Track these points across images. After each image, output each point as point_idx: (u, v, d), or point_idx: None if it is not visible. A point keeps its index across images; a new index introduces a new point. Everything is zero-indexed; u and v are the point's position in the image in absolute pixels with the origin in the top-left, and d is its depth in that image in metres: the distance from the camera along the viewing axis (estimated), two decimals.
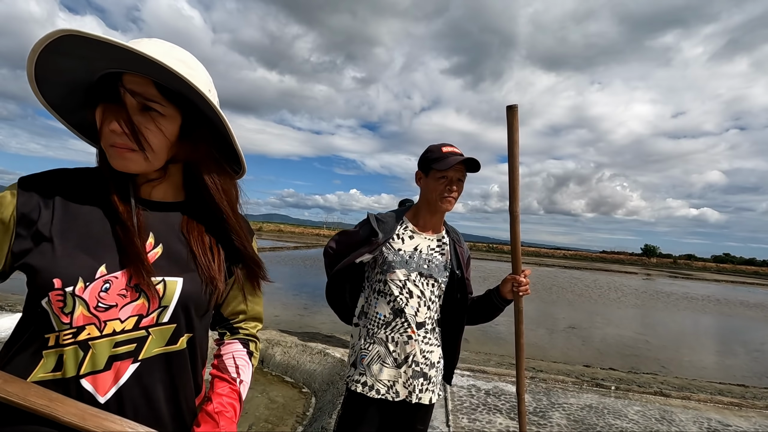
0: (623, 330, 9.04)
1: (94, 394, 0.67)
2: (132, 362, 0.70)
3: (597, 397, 3.84)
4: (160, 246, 0.76)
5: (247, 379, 0.87)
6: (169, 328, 0.73)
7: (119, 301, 0.69)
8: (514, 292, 1.51)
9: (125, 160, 0.69)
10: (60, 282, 0.65)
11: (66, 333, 0.66)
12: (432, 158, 1.55)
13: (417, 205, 1.68)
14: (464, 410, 3.25)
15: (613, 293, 17.02)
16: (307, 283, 11.98)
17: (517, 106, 1.41)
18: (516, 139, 1.42)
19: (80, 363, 0.66)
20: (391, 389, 1.52)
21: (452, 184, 1.54)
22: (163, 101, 0.70)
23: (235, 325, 0.93)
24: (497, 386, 3.89)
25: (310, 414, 3.37)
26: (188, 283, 0.75)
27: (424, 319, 1.56)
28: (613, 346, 7.30)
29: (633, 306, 13.54)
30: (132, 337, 0.70)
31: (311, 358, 4.30)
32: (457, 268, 1.62)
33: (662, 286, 24.19)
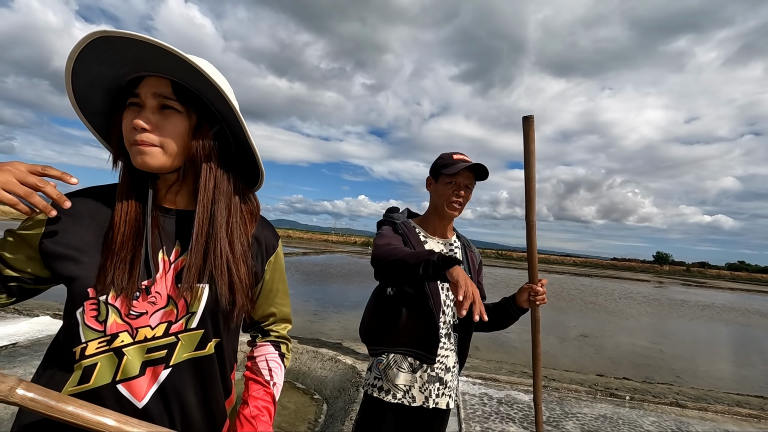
0: (636, 339, 8.90)
1: (131, 399, 0.69)
2: (164, 368, 0.72)
3: (611, 407, 3.79)
4: (186, 254, 0.77)
5: (279, 382, 0.89)
6: (198, 333, 0.75)
7: (149, 309, 0.72)
8: (531, 301, 1.51)
9: (145, 155, 0.71)
10: (93, 291, 0.68)
11: (100, 341, 0.68)
12: (442, 164, 1.59)
13: (427, 210, 1.70)
14: (477, 418, 3.23)
15: (625, 301, 16.78)
16: (316, 289, 12.00)
17: (533, 116, 1.42)
18: (532, 150, 1.43)
19: (116, 370, 0.69)
20: (407, 394, 1.52)
21: (459, 189, 1.56)
22: (179, 101, 0.74)
23: (266, 328, 0.96)
24: (509, 395, 3.86)
25: (321, 420, 3.37)
26: (214, 290, 0.76)
27: (439, 323, 1.57)
28: (626, 355, 7.19)
29: (645, 314, 13.33)
30: (163, 344, 0.72)
31: (322, 365, 4.30)
32: (470, 273, 1.63)
33: (675, 294, 23.79)
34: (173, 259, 0.76)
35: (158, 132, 0.72)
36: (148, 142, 0.71)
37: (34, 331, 4.22)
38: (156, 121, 0.71)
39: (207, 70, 0.71)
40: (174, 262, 0.76)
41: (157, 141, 0.71)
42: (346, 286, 13.18)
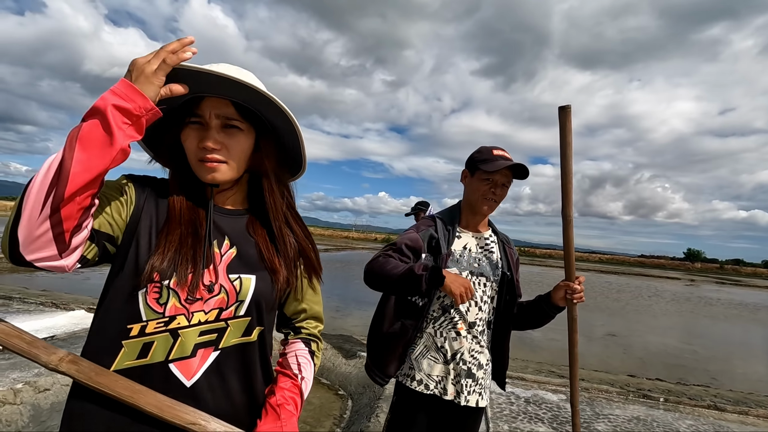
0: (667, 338, 8.60)
1: (181, 378, 0.74)
2: (213, 350, 0.78)
3: (644, 409, 3.66)
4: (235, 248, 0.84)
5: (308, 377, 0.91)
6: (245, 320, 0.81)
7: (204, 295, 0.77)
8: (568, 299, 1.46)
9: (215, 172, 0.79)
10: (158, 275, 0.73)
11: (159, 321, 0.74)
12: (480, 159, 1.54)
13: (460, 203, 1.67)
14: (504, 418, 3.17)
15: (655, 300, 16.26)
16: (338, 285, 12.10)
17: (570, 106, 1.37)
18: (569, 141, 1.38)
19: (170, 349, 0.74)
20: (439, 384, 1.51)
21: (496, 187, 1.52)
22: (241, 119, 0.80)
23: (297, 325, 0.98)
24: (537, 394, 3.78)
25: (347, 417, 3.38)
26: (260, 281, 0.83)
27: (475, 319, 1.54)
28: (657, 356, 6.95)
29: (676, 313, 12.88)
30: (214, 328, 0.78)
31: (346, 361, 4.32)
32: (508, 270, 1.59)
33: (708, 292, 22.91)
34: (224, 252, 0.82)
35: (225, 150, 0.79)
36: (217, 160, 0.78)
37: (70, 324, 4.38)
38: (222, 140, 0.78)
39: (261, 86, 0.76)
40: (225, 255, 0.82)
41: (224, 158, 0.79)
42: None
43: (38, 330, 4.01)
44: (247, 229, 0.88)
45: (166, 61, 0.65)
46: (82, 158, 0.59)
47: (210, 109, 0.78)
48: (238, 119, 0.80)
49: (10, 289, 6.04)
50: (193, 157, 0.79)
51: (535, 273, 23.90)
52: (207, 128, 0.78)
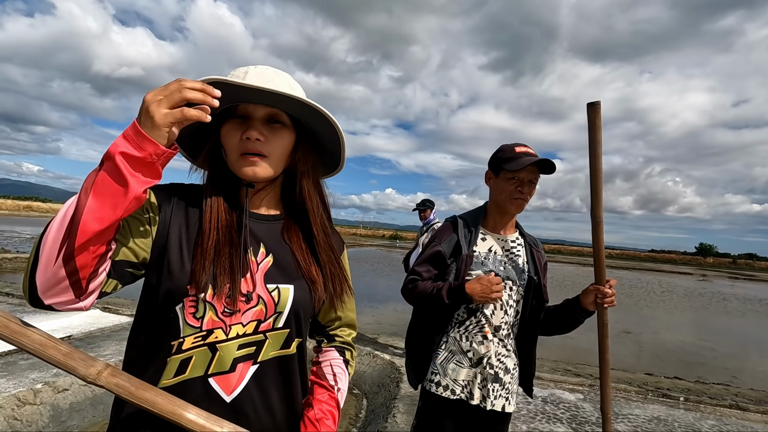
0: (683, 335, 8.47)
1: (220, 393, 0.72)
2: (252, 364, 0.75)
3: (665, 409, 3.59)
4: (271, 255, 0.81)
5: (344, 387, 0.90)
6: (284, 332, 0.78)
7: (242, 307, 0.74)
8: (598, 303, 1.41)
9: (255, 167, 0.75)
10: (193, 289, 0.71)
11: (196, 336, 0.71)
12: (503, 158, 1.49)
13: (487, 205, 1.63)
14: (522, 418, 3.13)
15: (667, 295, 16.06)
16: None
17: (599, 102, 1.32)
18: (598, 139, 1.32)
19: (209, 364, 0.72)
20: (465, 389, 1.49)
21: (523, 185, 1.48)
22: (285, 115, 0.78)
23: (331, 332, 0.96)
24: (554, 393, 3.73)
25: (362, 416, 3.36)
26: (298, 290, 0.80)
27: (500, 323, 1.51)
28: (673, 353, 6.85)
29: (690, 309, 12.71)
30: (253, 341, 0.75)
31: (360, 360, 4.30)
32: (535, 274, 1.55)
33: (721, 287, 22.57)
34: (260, 261, 0.79)
35: (268, 144, 0.76)
36: (260, 153, 0.75)
37: (86, 324, 4.41)
38: (267, 133, 0.76)
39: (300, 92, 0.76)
40: (261, 263, 0.79)
41: (267, 152, 0.76)
42: (377, 281, 13.20)
43: (55, 330, 4.05)
44: (282, 235, 0.84)
45: (185, 114, 0.60)
46: (94, 207, 0.58)
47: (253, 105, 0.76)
48: (282, 114, 0.78)
49: None
50: (234, 152, 0.76)
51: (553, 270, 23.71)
52: (251, 121, 0.76)
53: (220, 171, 0.80)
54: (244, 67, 0.76)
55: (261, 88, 0.68)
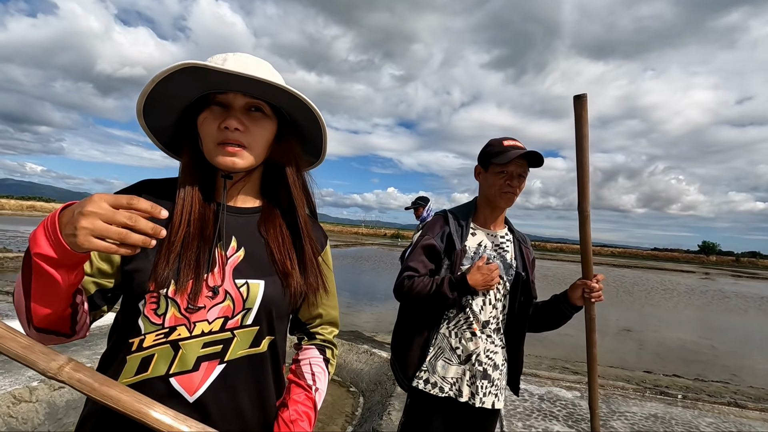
0: (683, 333, 8.44)
1: (183, 393, 0.69)
2: (219, 363, 0.71)
3: (662, 406, 3.58)
4: (242, 250, 0.77)
5: (322, 387, 0.86)
6: (253, 330, 0.75)
7: (207, 303, 0.71)
8: (586, 298, 1.40)
9: (235, 157, 0.72)
10: (154, 285, 0.68)
11: (158, 333, 0.69)
12: (492, 152, 1.49)
13: (476, 200, 1.62)
14: (518, 415, 3.12)
15: (669, 294, 16.00)
16: (349, 281, 12.10)
17: (585, 95, 1.31)
18: (585, 133, 1.31)
19: (171, 362, 0.69)
20: (454, 386, 1.48)
21: (512, 179, 1.47)
22: (266, 104, 0.75)
23: (312, 330, 0.93)
24: (551, 391, 3.72)
25: (359, 414, 3.36)
26: (269, 286, 0.76)
27: (489, 318, 1.50)
28: (673, 351, 6.83)
29: (692, 307, 12.65)
30: (219, 339, 0.72)
31: (357, 358, 4.30)
32: (523, 270, 1.54)
33: (724, 286, 22.48)
34: (230, 255, 0.76)
35: (248, 133, 0.73)
36: (238, 143, 0.72)
37: None
38: (246, 122, 0.72)
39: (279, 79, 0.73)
40: (231, 258, 0.75)
41: (247, 143, 0.73)
42: (378, 279, 13.21)
43: None
44: (259, 228, 0.81)
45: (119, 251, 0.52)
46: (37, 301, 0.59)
47: (233, 93, 0.72)
48: (263, 103, 0.75)
49: None
50: (210, 141, 0.72)
51: (546, 267, 23.69)
52: (230, 109, 0.72)
53: (195, 161, 0.76)
54: (223, 54, 0.73)
55: (242, 74, 0.65)
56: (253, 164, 0.76)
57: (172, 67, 0.65)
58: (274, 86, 0.69)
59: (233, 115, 0.71)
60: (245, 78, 0.67)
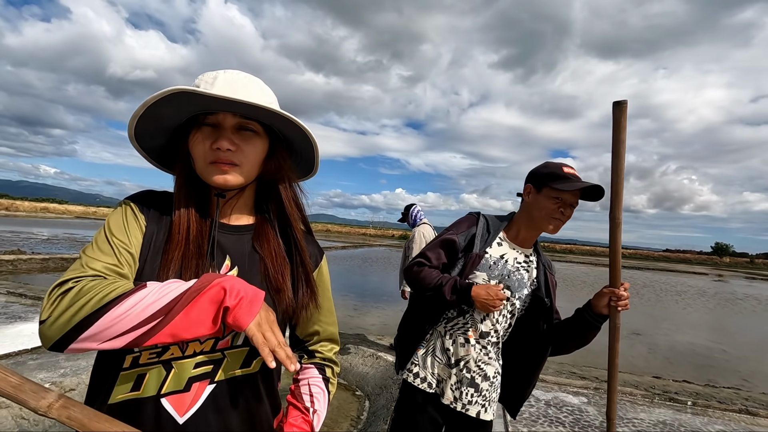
0: (695, 337, 8.32)
1: (173, 414, 0.68)
2: (209, 383, 0.71)
3: (671, 413, 3.54)
4: (236, 268, 0.78)
5: (321, 409, 0.86)
6: (243, 351, 0.75)
7: None
8: (612, 306, 1.38)
9: (227, 175, 0.73)
10: None
11: (151, 352, 0.69)
12: (550, 176, 1.44)
13: (516, 215, 1.59)
14: (523, 421, 3.11)
15: (681, 296, 15.77)
16: (356, 283, 12.12)
17: (626, 102, 1.28)
18: (623, 139, 1.29)
19: (162, 382, 0.69)
20: (438, 385, 1.50)
21: (566, 207, 1.43)
22: (256, 123, 0.76)
23: (311, 348, 0.93)
24: (557, 396, 3.69)
25: (364, 418, 3.37)
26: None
27: (489, 329, 1.49)
28: (684, 356, 6.73)
29: (704, 310, 12.46)
30: (210, 359, 0.72)
31: (363, 361, 4.31)
32: (546, 296, 1.51)
33: (738, 288, 22.09)
34: (223, 273, 0.76)
35: (240, 153, 0.74)
36: (230, 162, 0.73)
37: None
38: (237, 142, 0.74)
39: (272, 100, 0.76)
40: None
41: (238, 161, 0.74)
42: (385, 281, 13.19)
43: None
44: (253, 244, 0.82)
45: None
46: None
47: (223, 113, 0.74)
48: (253, 122, 0.76)
49: (40, 290, 6.24)
50: (202, 161, 0.73)
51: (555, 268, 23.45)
52: (220, 129, 0.73)
53: (189, 180, 0.77)
54: (213, 72, 0.74)
55: (231, 99, 0.66)
56: (245, 182, 0.77)
57: (161, 93, 0.66)
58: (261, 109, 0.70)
59: (224, 136, 0.72)
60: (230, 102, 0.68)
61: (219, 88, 0.69)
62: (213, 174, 0.73)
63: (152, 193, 0.80)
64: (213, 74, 0.73)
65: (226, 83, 0.72)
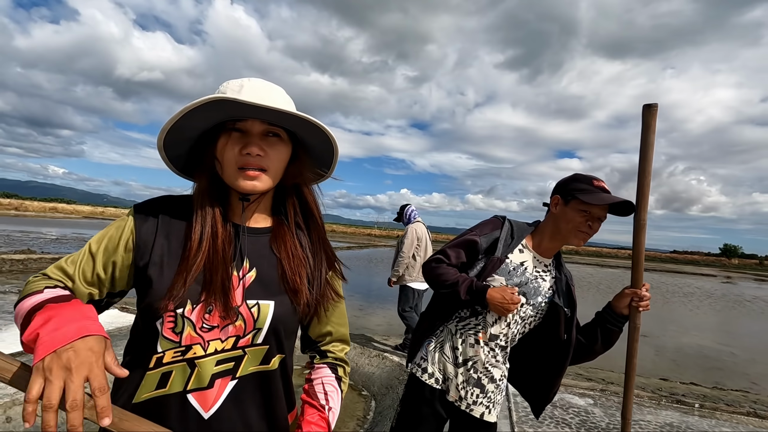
0: (702, 339, 8.25)
1: (198, 409, 0.72)
2: (231, 379, 0.75)
3: (678, 415, 3.52)
4: (254, 270, 0.80)
5: (335, 407, 0.88)
6: (263, 349, 0.78)
7: (220, 323, 0.74)
8: (633, 307, 1.38)
9: (255, 181, 0.76)
10: (172, 304, 0.71)
11: (176, 351, 0.72)
12: (580, 189, 1.43)
13: (541, 224, 1.58)
14: (529, 422, 3.11)
15: (688, 298, 15.62)
16: (361, 283, 12.13)
17: (656, 105, 1.30)
18: (651, 142, 1.31)
19: (187, 380, 0.72)
20: (444, 383, 1.51)
21: (593, 220, 1.42)
22: (281, 129, 0.79)
23: (323, 348, 0.95)
24: (563, 398, 3.69)
25: (370, 417, 3.39)
26: (279, 306, 0.79)
27: (499, 333, 1.50)
28: (691, 358, 6.69)
29: (712, 312, 12.35)
30: (231, 356, 0.75)
31: (369, 361, 4.33)
32: (567, 306, 1.50)
33: (746, 290, 21.85)
34: (242, 276, 0.78)
35: (267, 158, 0.76)
36: (259, 167, 0.75)
37: (105, 324, 4.44)
38: (265, 148, 0.76)
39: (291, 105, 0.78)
40: (243, 279, 0.78)
41: (266, 166, 0.76)
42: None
43: None
44: (270, 246, 0.83)
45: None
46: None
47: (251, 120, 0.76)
48: (279, 128, 0.78)
49: None
50: (231, 166, 0.75)
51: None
52: (249, 135, 0.75)
53: (213, 184, 0.79)
54: (238, 80, 0.76)
55: (263, 106, 0.68)
56: (270, 187, 0.79)
57: (196, 102, 0.68)
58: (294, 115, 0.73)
59: (253, 142, 0.74)
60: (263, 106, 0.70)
61: (246, 96, 0.71)
62: (242, 179, 0.75)
63: (168, 200, 0.82)
64: (238, 82, 0.76)
65: (252, 91, 0.74)
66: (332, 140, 0.80)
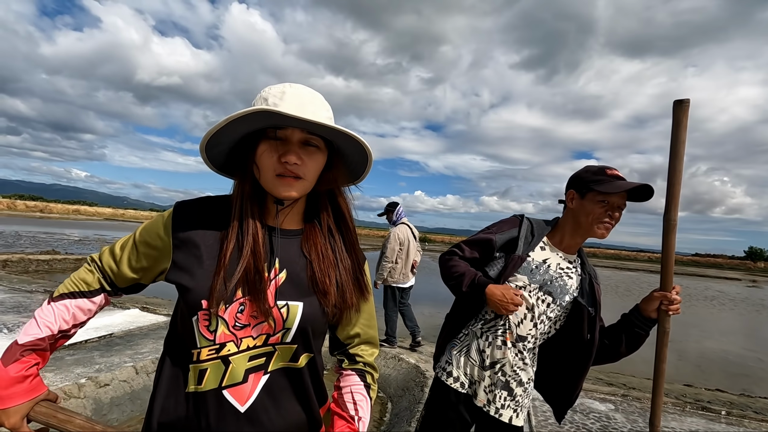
0: (727, 345, 8.00)
1: (234, 404, 0.75)
2: (263, 374, 0.78)
3: (704, 423, 3.42)
4: (285, 271, 0.82)
5: (365, 416, 0.89)
6: (291, 347, 0.81)
7: (252, 321, 0.77)
8: (663, 310, 1.34)
9: (291, 188, 0.77)
10: (206, 303, 0.74)
11: (210, 349, 0.75)
12: (593, 179, 1.41)
13: (560, 221, 1.56)
14: (549, 426, 3.06)
15: (712, 302, 15.18)
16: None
17: (688, 101, 1.26)
18: (683, 139, 1.27)
19: (222, 376, 0.75)
20: (471, 386, 1.49)
21: (614, 210, 1.39)
22: (318, 138, 0.80)
23: (351, 351, 0.95)
24: (583, 403, 3.62)
25: (387, 420, 3.38)
26: (307, 307, 0.81)
27: (526, 334, 1.47)
28: (716, 363, 6.49)
29: (737, 317, 11.97)
30: (262, 352, 0.78)
31: (385, 363, 4.32)
32: (591, 305, 1.47)
33: None
34: (273, 276, 0.80)
35: (304, 166, 0.78)
36: (295, 175, 0.77)
37: (126, 323, 4.65)
38: (303, 156, 0.78)
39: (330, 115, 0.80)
40: (273, 279, 0.80)
41: (303, 174, 0.78)
42: None
43: (97, 327, 4.30)
44: (302, 248, 0.85)
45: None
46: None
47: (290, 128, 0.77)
48: (317, 138, 0.80)
49: None
50: (269, 172, 0.77)
51: None
52: (288, 143, 0.77)
53: (254, 188, 0.81)
54: (280, 85, 0.78)
55: (303, 119, 0.69)
56: (305, 193, 0.82)
57: (244, 112, 0.69)
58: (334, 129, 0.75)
59: (292, 150, 0.76)
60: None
61: (288, 103, 0.73)
62: (279, 186, 0.77)
63: (208, 201, 0.85)
64: (280, 89, 0.77)
65: (294, 98, 0.76)
66: (367, 151, 0.81)
